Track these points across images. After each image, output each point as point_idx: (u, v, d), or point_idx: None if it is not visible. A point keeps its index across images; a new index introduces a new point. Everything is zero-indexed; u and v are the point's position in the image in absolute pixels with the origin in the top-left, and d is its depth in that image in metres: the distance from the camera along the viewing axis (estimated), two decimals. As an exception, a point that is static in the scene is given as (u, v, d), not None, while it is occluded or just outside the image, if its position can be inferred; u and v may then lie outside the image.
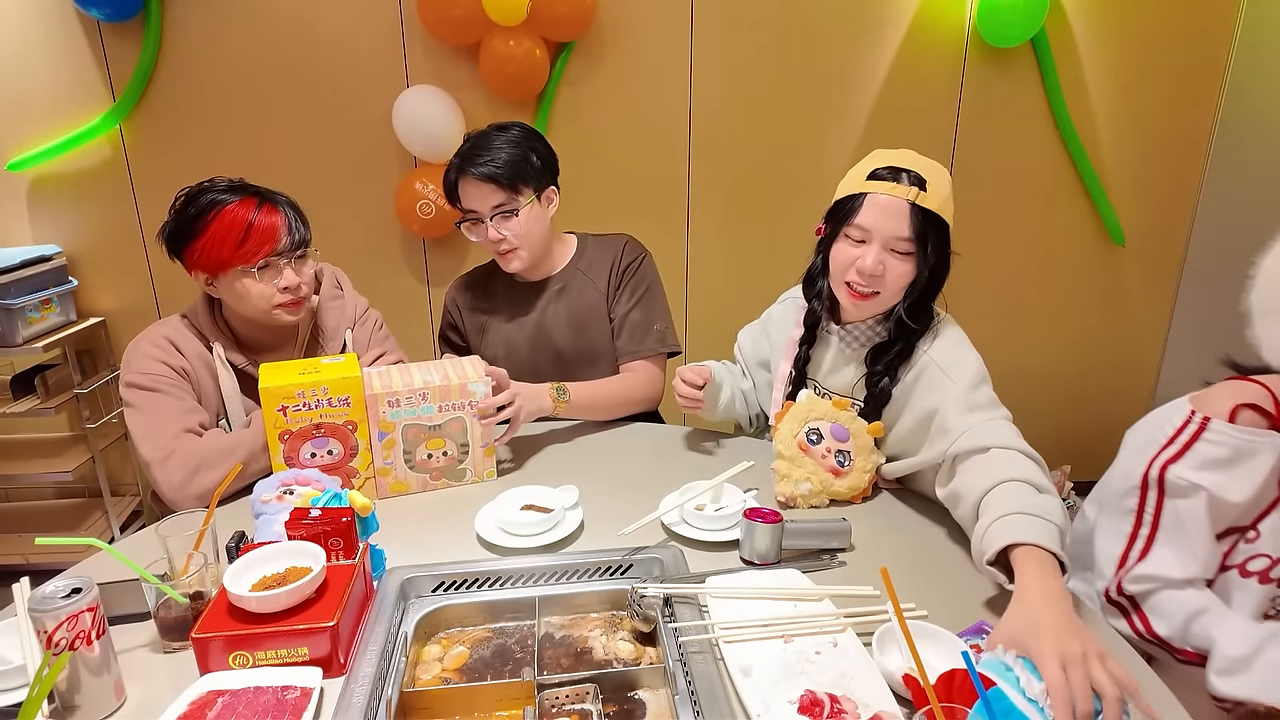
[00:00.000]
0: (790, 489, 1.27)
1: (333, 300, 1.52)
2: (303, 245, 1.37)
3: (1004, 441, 1.10)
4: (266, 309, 1.35)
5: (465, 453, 1.34)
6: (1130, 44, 2.57)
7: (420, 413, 1.28)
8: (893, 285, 1.22)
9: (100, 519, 2.61)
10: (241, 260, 1.30)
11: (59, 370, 2.51)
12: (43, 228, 2.50)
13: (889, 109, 2.59)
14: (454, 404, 1.30)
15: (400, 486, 1.32)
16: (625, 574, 1.09)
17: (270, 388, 1.20)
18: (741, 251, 2.68)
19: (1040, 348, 2.90)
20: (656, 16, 2.46)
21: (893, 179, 1.19)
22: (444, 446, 1.32)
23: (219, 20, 2.36)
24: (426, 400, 1.28)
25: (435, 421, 1.29)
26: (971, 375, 1.19)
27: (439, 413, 1.29)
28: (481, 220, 1.54)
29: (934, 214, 1.18)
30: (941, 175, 1.21)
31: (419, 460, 1.31)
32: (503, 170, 1.50)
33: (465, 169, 1.51)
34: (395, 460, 1.30)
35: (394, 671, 0.90)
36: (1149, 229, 2.77)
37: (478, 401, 1.31)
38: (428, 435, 1.30)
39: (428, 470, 1.32)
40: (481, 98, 2.47)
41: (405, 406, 1.27)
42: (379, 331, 1.57)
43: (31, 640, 0.83)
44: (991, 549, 0.96)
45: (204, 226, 1.30)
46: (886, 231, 1.19)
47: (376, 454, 1.28)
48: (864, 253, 1.21)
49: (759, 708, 0.82)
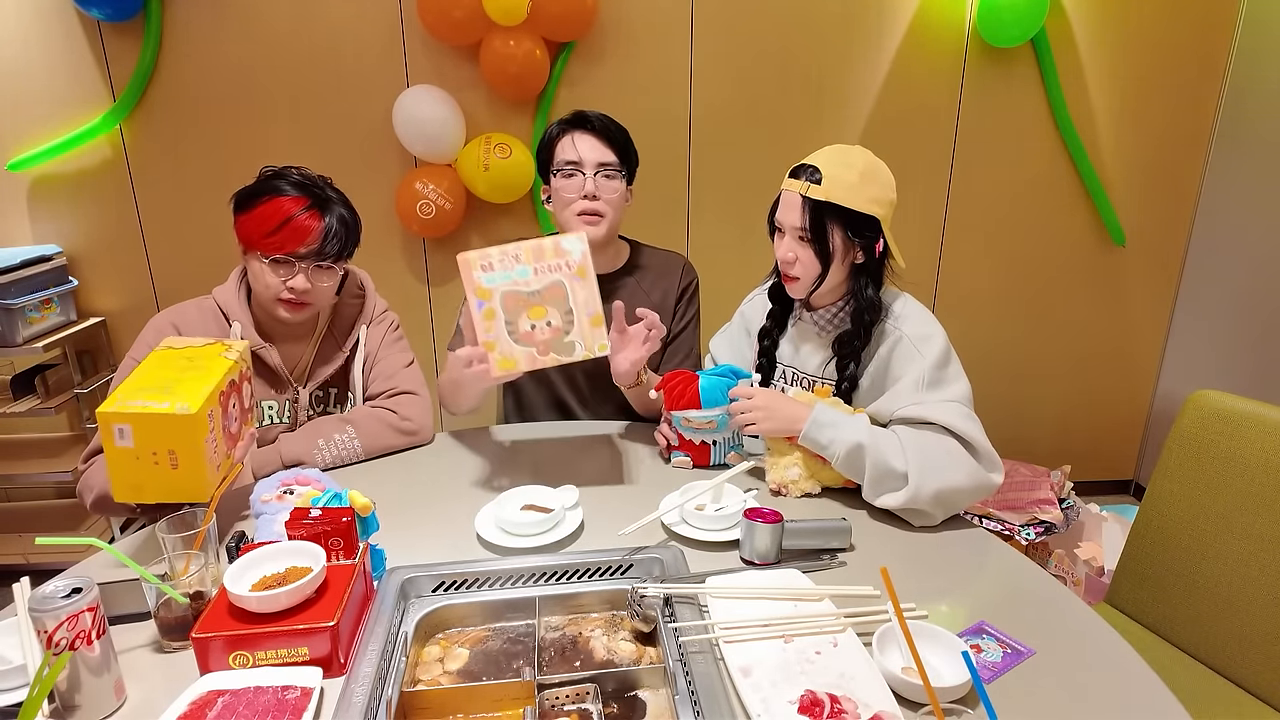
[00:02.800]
0: (780, 475, 1.30)
1: (353, 298, 1.54)
2: (328, 258, 1.38)
3: (946, 419, 1.21)
4: (270, 299, 1.38)
5: (571, 322, 1.24)
6: (1130, 44, 2.57)
7: (516, 276, 1.21)
8: (806, 272, 1.32)
9: (100, 519, 2.60)
10: (263, 248, 1.34)
11: (59, 370, 2.51)
12: (43, 228, 2.50)
13: (889, 109, 2.59)
14: (550, 265, 1.22)
15: (508, 363, 1.24)
16: (625, 574, 1.09)
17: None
18: (741, 251, 2.67)
19: (1040, 348, 2.90)
20: (656, 16, 2.46)
21: (793, 175, 1.32)
22: (546, 315, 1.24)
23: (219, 20, 2.36)
24: (520, 261, 1.21)
25: (533, 286, 1.22)
26: (938, 352, 1.27)
27: (535, 276, 1.22)
28: (579, 174, 1.52)
29: (831, 204, 1.26)
30: (849, 165, 1.28)
31: (522, 332, 1.24)
32: (617, 134, 1.55)
33: (578, 125, 1.54)
34: (498, 333, 1.23)
35: (394, 671, 0.90)
36: (1149, 229, 2.77)
37: (575, 259, 1.23)
38: (528, 302, 1.23)
39: (533, 343, 1.24)
40: (481, 98, 2.47)
41: (499, 270, 1.21)
42: (393, 332, 1.58)
43: (31, 640, 0.83)
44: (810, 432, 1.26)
45: (255, 205, 1.35)
46: (789, 222, 1.31)
47: (479, 328, 1.23)
48: (780, 243, 1.35)
49: (759, 708, 0.82)
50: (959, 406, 1.23)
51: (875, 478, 1.21)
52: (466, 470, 1.41)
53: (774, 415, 1.29)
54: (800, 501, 1.29)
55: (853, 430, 1.23)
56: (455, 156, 2.44)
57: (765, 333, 1.48)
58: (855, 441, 1.22)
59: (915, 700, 0.83)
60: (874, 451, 1.21)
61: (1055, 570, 2.34)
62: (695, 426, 1.34)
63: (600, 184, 1.53)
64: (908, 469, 1.18)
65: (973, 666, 0.75)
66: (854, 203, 1.26)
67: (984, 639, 0.94)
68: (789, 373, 1.46)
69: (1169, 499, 1.34)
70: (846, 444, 1.22)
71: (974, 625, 0.97)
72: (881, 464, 1.20)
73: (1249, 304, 2.57)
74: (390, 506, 1.27)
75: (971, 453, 1.20)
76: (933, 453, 1.19)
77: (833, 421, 1.25)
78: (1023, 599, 1.05)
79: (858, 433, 1.23)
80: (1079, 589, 2.24)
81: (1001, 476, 1.22)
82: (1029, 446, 2.87)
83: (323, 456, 1.40)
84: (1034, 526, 2.33)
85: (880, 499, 1.22)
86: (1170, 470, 1.34)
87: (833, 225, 1.28)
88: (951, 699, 0.82)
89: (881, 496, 1.21)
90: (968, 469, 1.19)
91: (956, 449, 1.20)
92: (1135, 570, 1.39)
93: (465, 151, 2.42)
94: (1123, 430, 3.03)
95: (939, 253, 2.78)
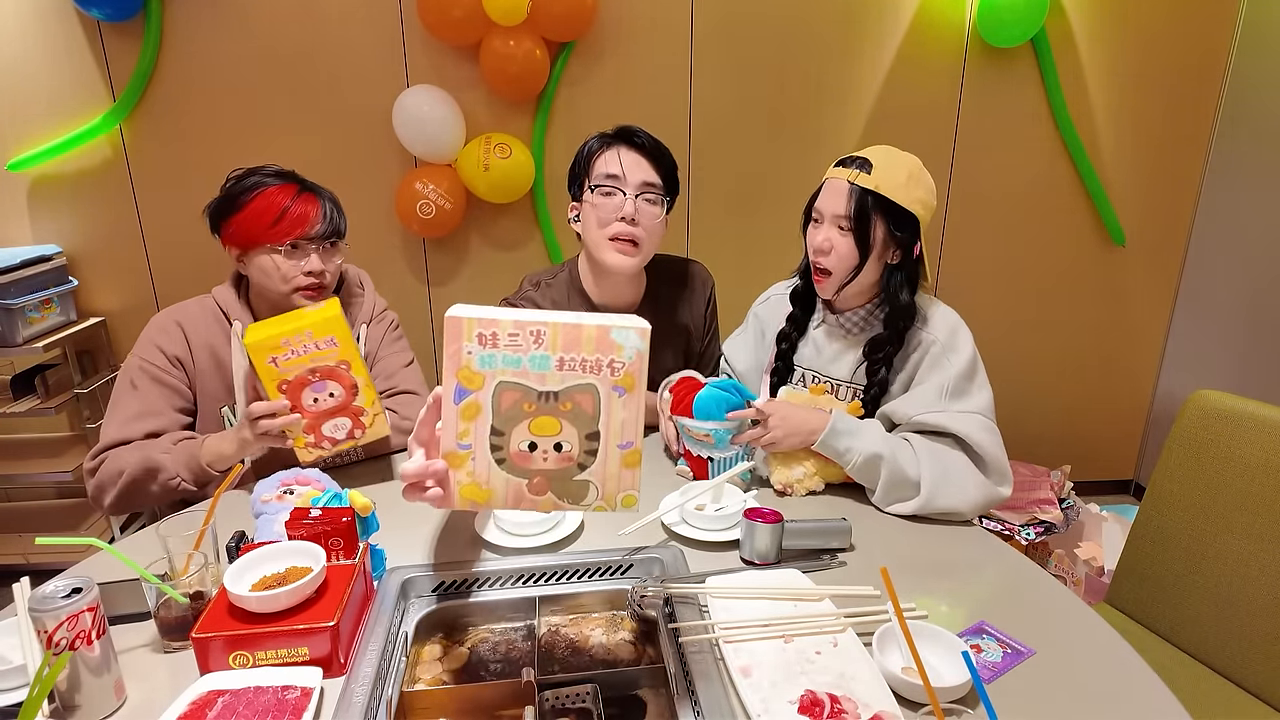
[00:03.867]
0: (785, 475, 1.30)
1: (352, 297, 1.55)
2: (334, 236, 1.41)
3: (966, 431, 1.22)
4: (288, 291, 1.38)
5: (592, 453, 0.84)
6: (1130, 44, 2.57)
7: (528, 364, 0.80)
8: (840, 264, 1.30)
9: (100, 519, 2.60)
10: (272, 239, 1.35)
11: (59, 370, 2.51)
12: (43, 228, 2.50)
13: (889, 109, 2.59)
14: (584, 360, 0.81)
15: (476, 493, 0.83)
16: (625, 574, 1.09)
17: (254, 342, 1.19)
18: (741, 251, 2.68)
19: (1040, 348, 2.90)
20: (656, 16, 2.46)
21: (841, 164, 1.30)
22: (558, 433, 0.82)
23: (219, 20, 2.36)
24: (541, 344, 0.80)
25: (550, 385, 0.81)
26: (966, 362, 1.28)
27: (558, 371, 0.81)
28: (619, 192, 1.41)
29: (878, 195, 1.25)
30: (899, 164, 1.27)
31: (514, 452, 0.82)
32: (664, 156, 1.45)
33: (623, 139, 1.43)
34: (477, 445, 0.81)
35: (394, 671, 0.90)
36: (1149, 229, 2.77)
37: (625, 361, 0.81)
38: (535, 409, 0.81)
39: (526, 473, 0.83)
40: (481, 98, 2.47)
41: (505, 349, 0.80)
42: (393, 331, 1.58)
43: (31, 640, 0.83)
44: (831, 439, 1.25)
45: (245, 204, 1.36)
46: (831, 209, 1.29)
47: (447, 428, 0.81)
48: (816, 231, 1.32)
49: (759, 708, 0.82)
50: (980, 418, 1.25)
51: (889, 486, 1.23)
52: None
53: (793, 432, 1.27)
54: (800, 501, 1.29)
55: (870, 440, 1.24)
56: (455, 156, 2.44)
57: (784, 336, 1.46)
58: (873, 452, 1.23)
59: (915, 700, 0.83)
60: (891, 462, 1.22)
61: (1055, 570, 2.34)
62: (694, 437, 1.33)
63: (641, 208, 1.42)
64: (921, 480, 1.21)
65: (973, 666, 0.75)
66: (900, 198, 1.26)
67: (984, 639, 0.94)
68: (809, 375, 1.44)
69: (1169, 499, 1.34)
70: (864, 454, 1.23)
71: (974, 625, 0.97)
72: (897, 474, 1.22)
73: (1249, 304, 2.57)
74: (390, 506, 1.26)
75: (985, 465, 1.23)
76: (947, 467, 1.22)
77: (849, 430, 1.25)
78: (1023, 599, 1.05)
79: (875, 443, 1.24)
80: (1079, 589, 2.24)
81: (1010, 489, 1.25)
82: (1029, 446, 2.87)
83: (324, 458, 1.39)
84: (1034, 526, 2.34)
85: (890, 507, 1.24)
86: (1170, 470, 1.34)
87: (876, 217, 1.27)
88: (951, 699, 0.82)
89: (892, 505, 1.24)
90: (978, 484, 1.22)
91: (970, 465, 1.23)
92: (1135, 570, 1.39)
93: (465, 151, 2.42)
94: (1123, 430, 3.03)
95: (939, 253, 2.78)
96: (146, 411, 1.37)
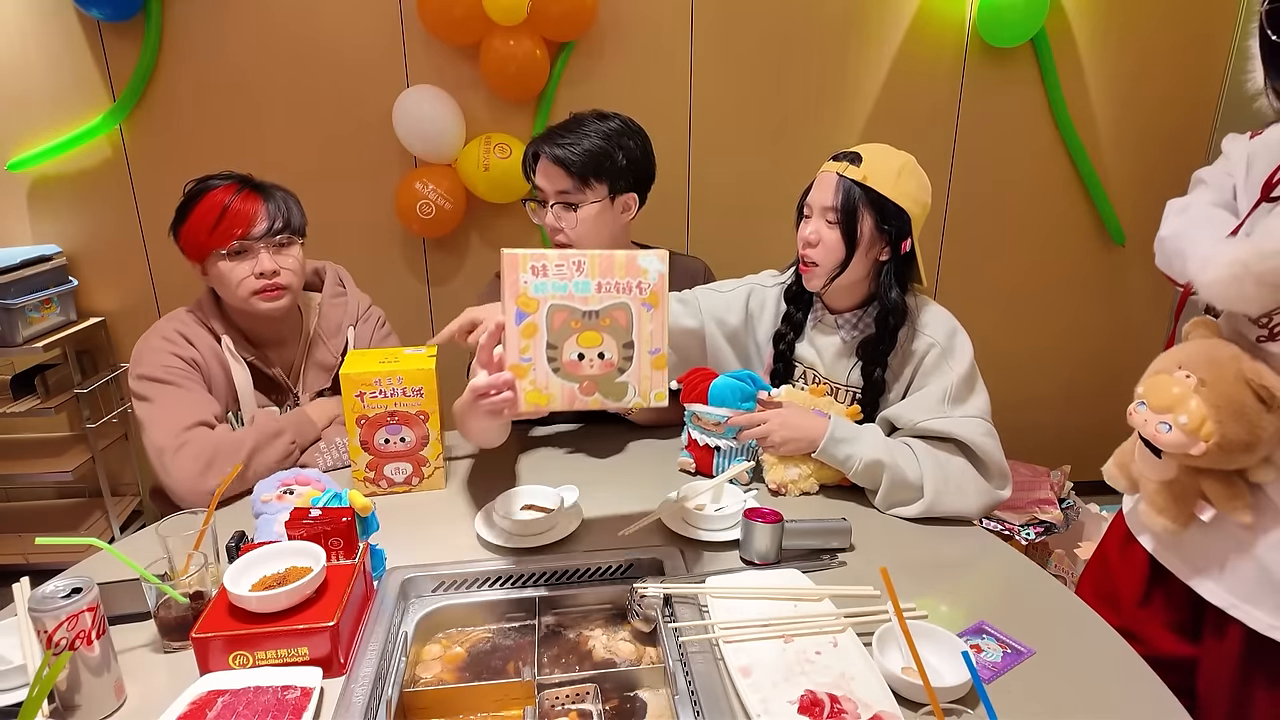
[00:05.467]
0: (780, 475, 1.30)
1: (335, 298, 1.53)
2: (284, 232, 1.37)
3: (968, 435, 1.23)
4: (245, 296, 1.35)
5: (629, 358, 1.00)
6: (1130, 44, 2.57)
7: (573, 288, 0.97)
8: (827, 256, 1.29)
9: (100, 519, 2.61)
10: (216, 243, 1.32)
11: (59, 370, 2.51)
12: (43, 228, 2.49)
13: (889, 109, 2.59)
14: (618, 282, 0.98)
15: (539, 398, 0.98)
16: (625, 574, 1.09)
17: (350, 374, 1.24)
18: (741, 251, 2.67)
19: (1040, 347, 2.90)
20: (656, 16, 2.46)
21: (833, 159, 1.30)
22: (600, 344, 0.99)
23: (219, 20, 2.36)
24: (582, 272, 0.97)
25: (592, 305, 0.97)
26: (966, 366, 1.28)
27: (598, 293, 0.98)
28: (546, 203, 1.48)
29: (866, 187, 1.25)
30: (890, 159, 1.28)
31: (566, 361, 0.98)
32: (577, 159, 1.42)
33: (542, 147, 1.45)
34: (536, 356, 0.97)
35: (394, 671, 0.90)
36: (1149, 229, 2.73)
37: (650, 281, 0.99)
38: (581, 325, 0.98)
39: (577, 378, 0.99)
40: (481, 98, 2.47)
41: (554, 277, 0.96)
42: (381, 329, 1.57)
43: (31, 640, 0.83)
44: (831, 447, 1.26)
45: (190, 211, 1.34)
46: (820, 202, 1.29)
47: (510, 345, 0.96)
48: (805, 225, 1.32)
49: (759, 708, 0.82)
50: (980, 422, 1.25)
51: (890, 490, 1.24)
52: (466, 470, 1.41)
53: (792, 436, 1.28)
54: (800, 501, 1.29)
55: (870, 446, 1.25)
56: (455, 156, 2.44)
57: (780, 336, 1.44)
58: (875, 459, 1.23)
59: (915, 700, 0.83)
60: (893, 468, 1.22)
61: (1055, 570, 2.34)
62: (704, 426, 1.34)
63: (560, 214, 1.46)
64: (923, 484, 1.22)
65: (973, 666, 0.75)
66: (889, 191, 1.25)
67: (984, 639, 0.94)
68: (809, 374, 1.43)
69: (1169, 499, 1.33)
70: (865, 460, 1.24)
71: (974, 625, 0.97)
72: (898, 479, 1.23)
73: (1249, 304, 2.56)
74: (390, 506, 1.27)
75: (986, 469, 1.24)
76: (949, 471, 1.23)
77: (849, 437, 1.26)
78: (1023, 599, 1.05)
79: (875, 449, 1.24)
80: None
81: (1009, 490, 1.27)
82: (1029, 446, 2.86)
83: (324, 460, 1.40)
84: (1034, 526, 2.33)
85: (892, 510, 1.25)
86: (1170, 470, 1.33)
87: (864, 211, 1.26)
88: (951, 699, 0.82)
89: (894, 508, 1.25)
90: (979, 487, 1.24)
91: (971, 468, 1.24)
92: (1135, 570, 1.38)
93: (465, 151, 2.42)
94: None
95: (939, 252, 2.78)
96: (193, 403, 1.32)
